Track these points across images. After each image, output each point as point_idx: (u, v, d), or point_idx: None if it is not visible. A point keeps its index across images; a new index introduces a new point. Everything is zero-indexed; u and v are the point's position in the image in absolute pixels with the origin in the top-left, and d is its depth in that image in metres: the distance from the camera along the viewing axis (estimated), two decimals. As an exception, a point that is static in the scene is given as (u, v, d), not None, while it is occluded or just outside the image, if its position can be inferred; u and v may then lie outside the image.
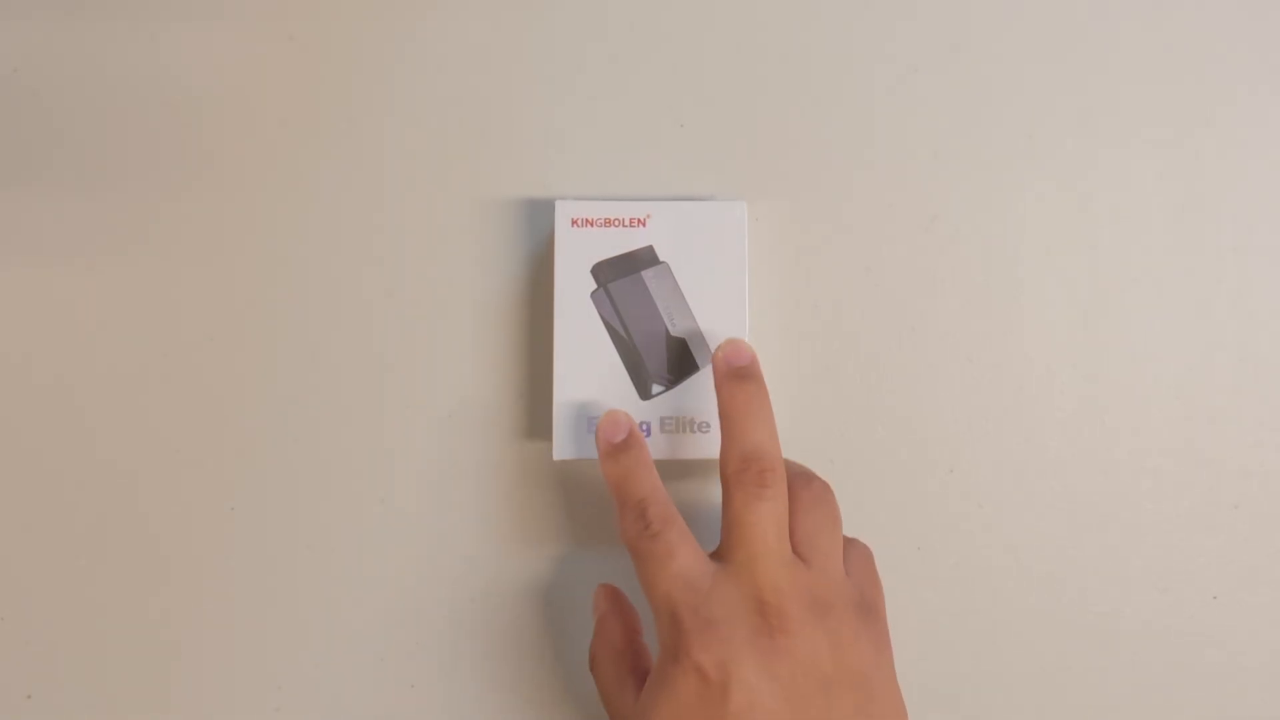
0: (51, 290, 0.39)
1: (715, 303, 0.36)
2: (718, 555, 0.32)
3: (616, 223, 0.37)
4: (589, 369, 0.36)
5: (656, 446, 0.36)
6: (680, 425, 0.36)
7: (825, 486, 0.33)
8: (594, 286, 0.36)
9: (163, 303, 0.39)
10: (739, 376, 0.34)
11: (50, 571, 0.38)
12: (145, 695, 0.38)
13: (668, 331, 0.36)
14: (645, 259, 0.36)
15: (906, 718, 0.31)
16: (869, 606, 0.32)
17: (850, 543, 0.34)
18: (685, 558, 0.31)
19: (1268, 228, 0.40)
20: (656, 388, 0.36)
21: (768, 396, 0.34)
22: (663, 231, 0.37)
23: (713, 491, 0.38)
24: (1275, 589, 0.39)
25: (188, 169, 0.39)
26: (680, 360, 0.36)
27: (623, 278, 0.36)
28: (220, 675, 0.38)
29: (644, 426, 0.36)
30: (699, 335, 0.36)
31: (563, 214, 0.36)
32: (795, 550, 0.31)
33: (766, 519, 0.31)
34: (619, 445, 0.34)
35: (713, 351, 0.35)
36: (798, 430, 0.39)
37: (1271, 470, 0.39)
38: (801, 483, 0.33)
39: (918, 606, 0.38)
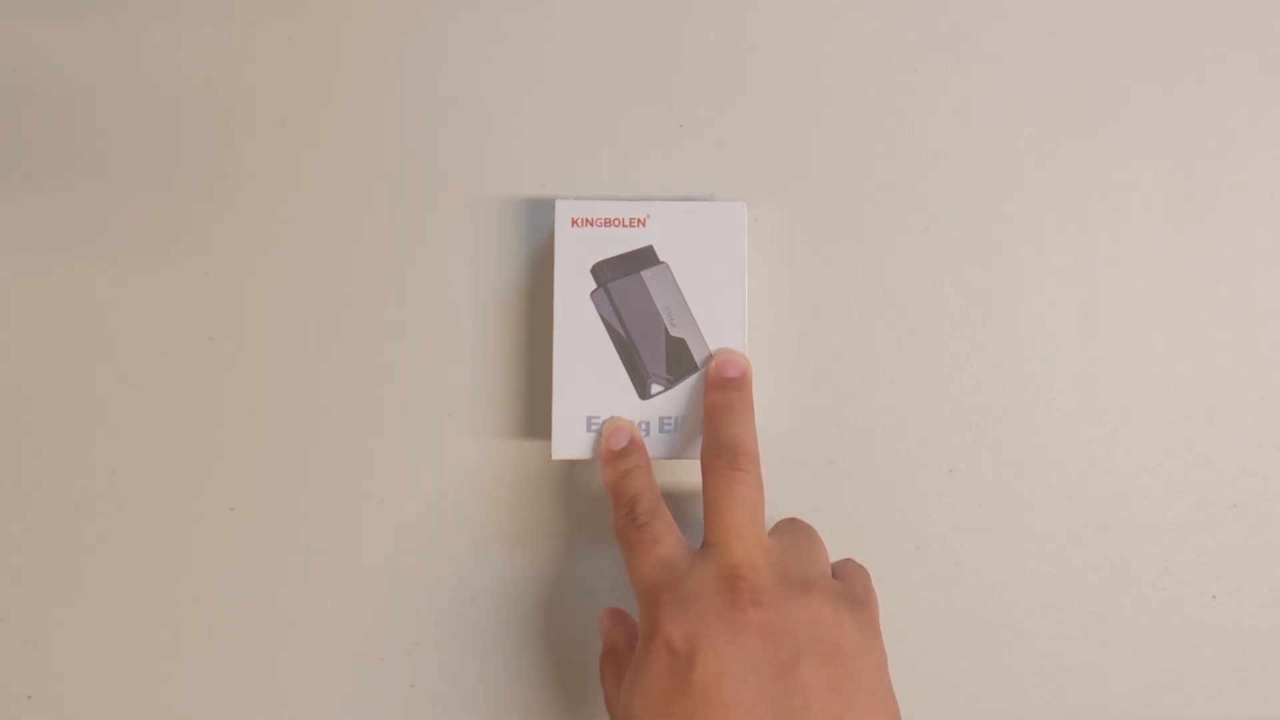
0: (50, 291, 0.39)
1: (715, 303, 0.36)
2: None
3: (616, 223, 0.37)
4: (588, 369, 0.36)
5: (655, 446, 0.36)
6: (679, 425, 0.36)
7: (811, 527, 0.35)
8: (594, 286, 0.36)
9: (163, 303, 0.39)
10: (726, 386, 0.35)
11: (50, 571, 0.38)
12: (145, 695, 0.38)
13: (667, 331, 0.36)
14: (645, 259, 0.36)
15: (895, 710, 0.30)
16: (857, 600, 0.32)
17: (846, 561, 0.35)
18: (668, 545, 0.32)
19: (1267, 228, 0.40)
20: (655, 387, 0.36)
21: (751, 404, 0.35)
22: (663, 231, 0.37)
23: (712, 491, 0.38)
24: (1275, 589, 0.39)
25: (187, 169, 0.39)
26: (679, 360, 0.36)
27: (622, 278, 0.36)
28: (220, 675, 0.38)
29: (643, 426, 0.36)
30: (698, 335, 0.36)
31: (563, 214, 0.37)
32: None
33: (741, 501, 0.32)
34: (619, 452, 0.35)
35: (711, 355, 0.36)
36: (798, 430, 0.39)
37: (1271, 470, 0.39)
38: (788, 525, 0.35)
39: (918, 606, 0.38)
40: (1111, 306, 0.39)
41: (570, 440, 0.36)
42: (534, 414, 0.39)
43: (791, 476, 0.38)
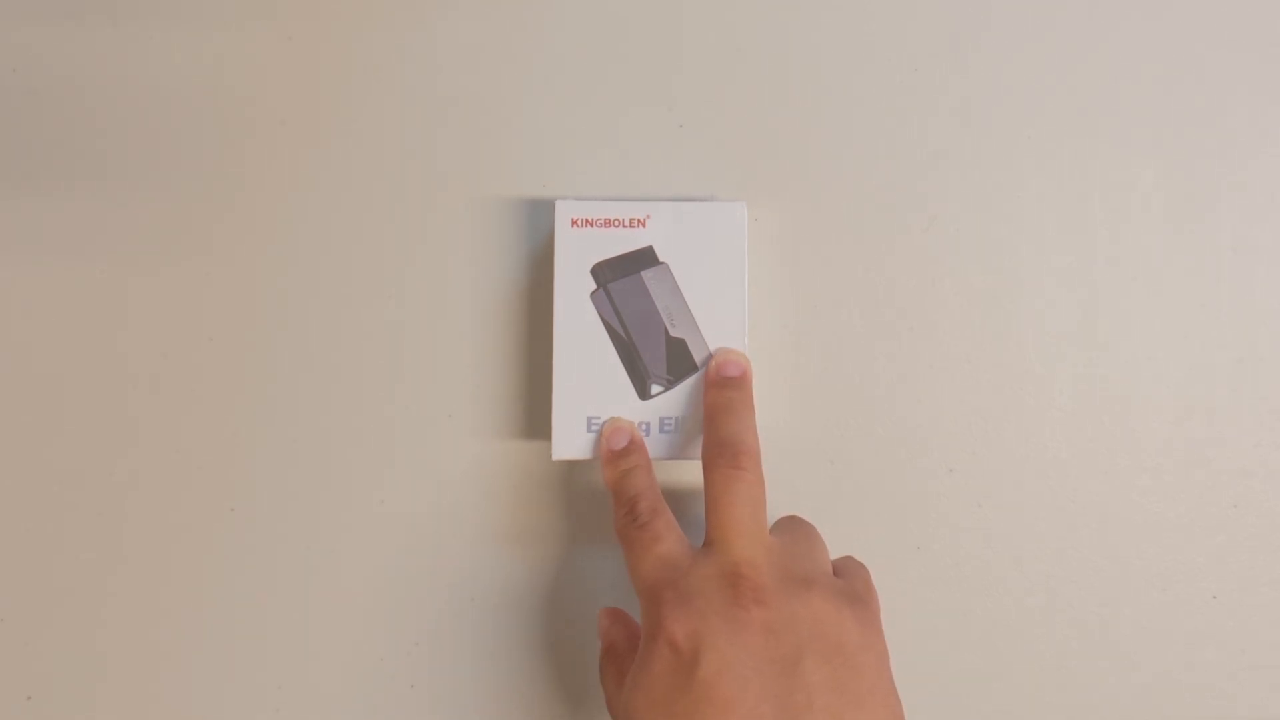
0: (50, 290, 0.39)
1: (715, 303, 0.36)
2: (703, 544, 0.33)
3: (616, 223, 0.37)
4: (588, 369, 0.36)
5: (656, 446, 0.36)
6: (679, 425, 0.36)
7: (812, 525, 0.35)
8: (594, 287, 0.36)
9: (163, 303, 0.39)
10: (727, 385, 0.35)
11: (50, 572, 0.38)
12: (145, 695, 0.38)
13: (667, 332, 0.36)
14: (645, 259, 0.36)
15: (898, 707, 0.30)
16: (858, 597, 0.32)
17: (846, 558, 0.35)
18: (669, 543, 0.32)
19: (1267, 228, 0.40)
20: (656, 388, 0.36)
21: (752, 403, 0.35)
22: (663, 232, 0.37)
23: (712, 491, 0.38)
24: (1275, 589, 0.39)
25: (187, 169, 0.39)
26: (679, 361, 0.36)
27: (622, 278, 0.36)
28: (220, 675, 0.38)
29: (643, 427, 0.36)
30: (698, 336, 0.36)
31: (563, 214, 0.37)
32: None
33: (742, 498, 0.32)
34: (619, 452, 0.35)
35: (711, 355, 0.36)
36: (798, 430, 0.39)
37: (1271, 470, 0.39)
38: (788, 523, 0.35)
39: (918, 606, 0.38)
40: (1111, 306, 0.39)
41: (570, 440, 0.36)
42: (534, 414, 0.39)
43: (791, 476, 0.38)
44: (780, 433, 0.38)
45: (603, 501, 0.39)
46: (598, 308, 0.36)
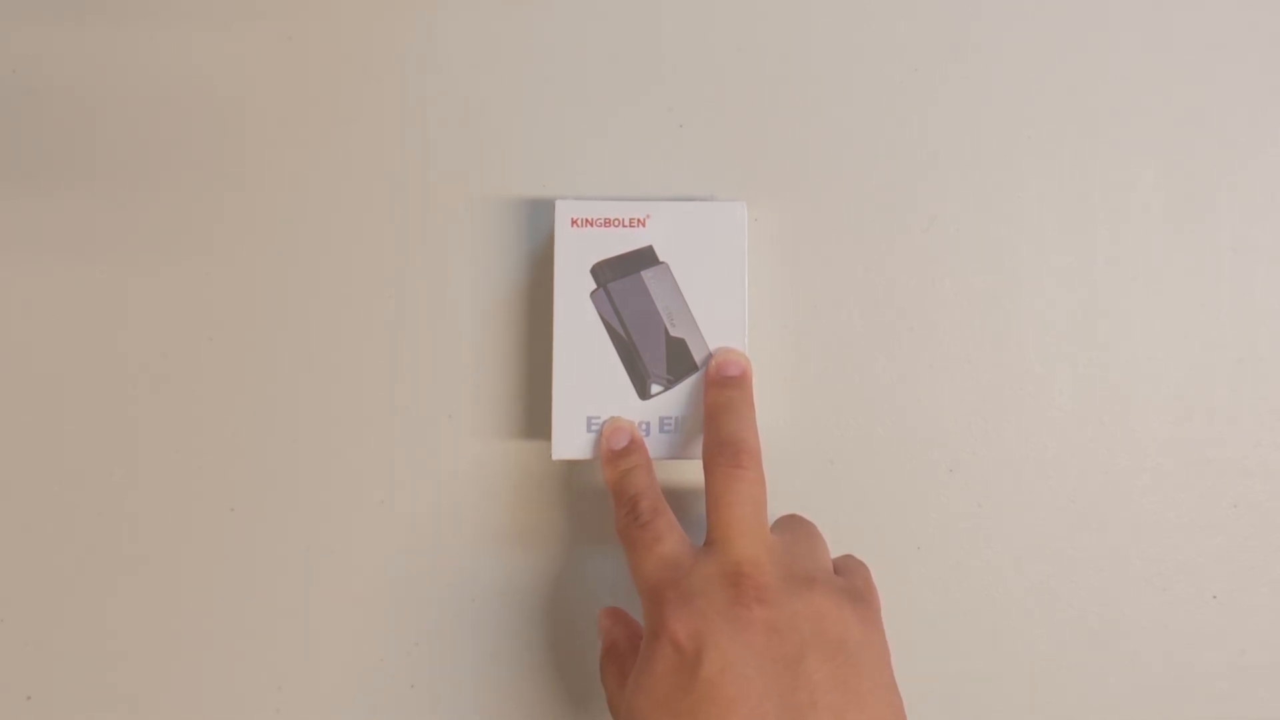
0: (50, 290, 0.39)
1: (715, 303, 0.36)
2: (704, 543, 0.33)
3: (616, 223, 0.37)
4: (588, 369, 0.36)
5: (655, 446, 0.36)
6: (679, 425, 0.36)
7: (812, 524, 0.35)
8: (594, 286, 0.36)
9: (163, 303, 0.39)
10: (727, 385, 0.35)
11: (50, 572, 0.38)
12: (145, 695, 0.38)
13: (667, 332, 0.36)
14: (645, 259, 0.36)
15: (899, 704, 0.30)
16: (859, 595, 0.32)
17: (846, 556, 0.35)
18: (671, 543, 0.32)
19: (1267, 228, 0.40)
20: (656, 388, 0.36)
21: (752, 402, 0.35)
22: (662, 232, 0.37)
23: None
24: (1275, 589, 0.39)
25: (186, 169, 0.39)
26: (679, 360, 0.36)
27: (622, 278, 0.36)
28: (220, 675, 0.38)
29: (643, 426, 0.36)
30: (698, 336, 0.36)
31: (563, 214, 0.37)
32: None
33: (744, 498, 0.32)
34: (620, 452, 0.35)
35: (711, 355, 0.36)
36: (798, 430, 0.39)
37: (1271, 470, 0.39)
38: (789, 521, 0.35)
39: (918, 606, 0.38)
40: (1111, 306, 0.39)
41: (570, 440, 0.36)
42: (534, 414, 0.39)
43: (791, 476, 0.38)
44: (780, 433, 0.38)
45: (603, 501, 0.39)
46: (598, 307, 0.36)
